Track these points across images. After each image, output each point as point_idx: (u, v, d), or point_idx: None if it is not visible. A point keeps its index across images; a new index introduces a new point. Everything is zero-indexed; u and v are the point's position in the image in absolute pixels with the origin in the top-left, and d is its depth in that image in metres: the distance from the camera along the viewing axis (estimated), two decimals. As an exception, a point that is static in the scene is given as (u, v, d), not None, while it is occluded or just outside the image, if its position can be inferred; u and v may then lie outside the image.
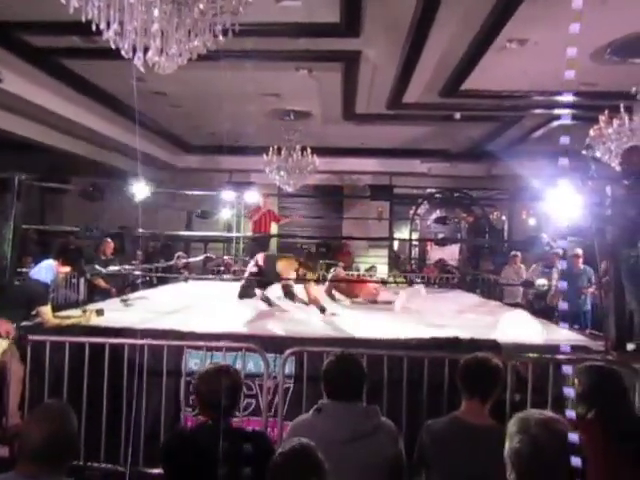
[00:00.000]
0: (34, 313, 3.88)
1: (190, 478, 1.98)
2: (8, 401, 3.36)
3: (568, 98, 1.24)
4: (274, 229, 9.14)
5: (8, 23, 5.40)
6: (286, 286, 5.06)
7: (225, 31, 2.69)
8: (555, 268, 6.84)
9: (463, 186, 12.01)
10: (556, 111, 7.22)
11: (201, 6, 2.61)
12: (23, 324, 3.69)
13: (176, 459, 2.01)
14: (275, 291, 5.55)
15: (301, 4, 4.80)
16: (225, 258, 9.56)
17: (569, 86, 1.25)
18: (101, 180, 10.14)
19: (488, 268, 9.73)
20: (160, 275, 7.72)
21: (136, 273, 6.92)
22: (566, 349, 3.13)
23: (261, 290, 5.45)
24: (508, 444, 1.50)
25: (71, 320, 4.03)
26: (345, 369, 2.19)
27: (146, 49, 2.62)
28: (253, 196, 8.14)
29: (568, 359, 3.00)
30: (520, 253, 8.28)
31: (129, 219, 5.80)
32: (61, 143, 9.34)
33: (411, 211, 12.14)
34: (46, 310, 3.86)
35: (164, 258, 9.43)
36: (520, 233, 11.90)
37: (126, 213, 5.46)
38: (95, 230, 6.35)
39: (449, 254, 11.81)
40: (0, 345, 3.48)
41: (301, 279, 5.15)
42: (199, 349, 3.37)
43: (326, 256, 11.68)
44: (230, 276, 8.02)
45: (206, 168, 11.96)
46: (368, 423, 2.09)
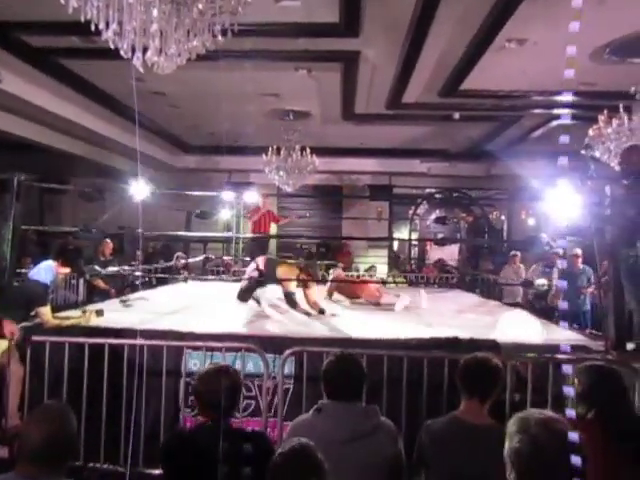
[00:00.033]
0: (33, 314, 3.88)
1: (190, 478, 1.98)
2: (8, 402, 3.36)
3: (567, 97, 1.23)
4: (273, 229, 9.15)
5: (7, 23, 5.40)
6: (288, 294, 4.96)
7: (224, 31, 2.70)
8: (556, 268, 6.83)
9: (462, 186, 12.00)
10: (555, 111, 7.23)
11: (200, 6, 2.62)
12: (22, 325, 3.69)
13: (176, 459, 2.01)
14: (275, 291, 5.54)
15: (300, 4, 4.80)
16: (224, 258, 9.55)
17: (568, 85, 1.25)
18: (100, 181, 10.17)
19: (488, 268, 9.73)
20: (160, 276, 7.72)
21: (135, 274, 6.91)
22: (566, 349, 3.13)
23: (258, 289, 5.40)
24: (508, 444, 1.50)
25: (71, 321, 4.03)
26: (345, 369, 2.19)
27: (145, 49, 2.62)
28: (252, 196, 8.14)
29: (568, 359, 3.00)
30: (519, 253, 8.29)
31: (128, 219, 5.80)
32: (60, 143, 9.34)
33: (410, 211, 12.12)
34: (45, 311, 3.86)
35: (164, 259, 9.44)
36: (519, 233, 11.91)
37: (125, 213, 5.46)
38: (94, 231, 6.35)
39: (449, 254, 11.81)
40: (0, 346, 3.49)
41: (301, 283, 5.08)
42: (198, 349, 3.37)
43: (326, 256, 11.69)
44: (230, 276, 8.01)
45: (205, 168, 11.95)
46: (368, 423, 2.09)
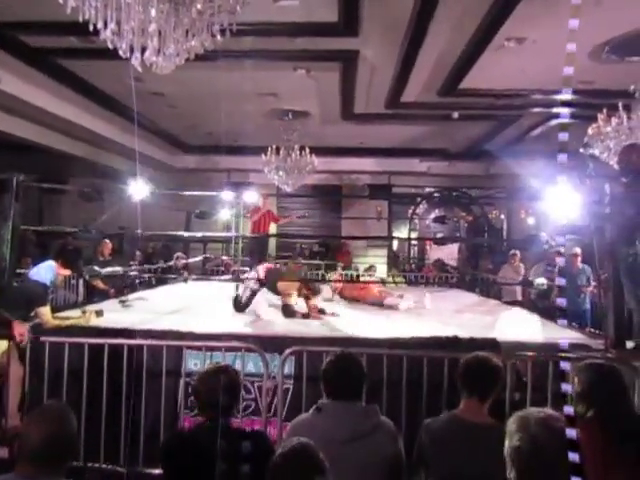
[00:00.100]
0: (33, 314, 3.87)
1: (190, 478, 1.98)
2: (8, 402, 3.36)
3: (567, 95, 1.23)
4: (273, 229, 9.14)
5: (5, 24, 5.39)
6: (286, 305, 4.85)
7: (223, 31, 2.70)
8: (558, 266, 6.79)
9: (462, 185, 11.99)
10: (554, 109, 7.22)
11: (199, 6, 2.61)
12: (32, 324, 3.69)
13: (176, 459, 2.01)
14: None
15: (299, 3, 4.79)
16: (224, 258, 9.54)
17: (567, 83, 1.24)
18: (99, 181, 10.16)
19: (487, 267, 9.73)
20: (159, 276, 7.72)
21: (135, 274, 6.91)
22: (565, 347, 3.13)
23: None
24: (508, 443, 1.51)
25: (70, 321, 4.03)
26: (345, 368, 2.19)
27: (143, 49, 2.62)
28: (252, 196, 8.13)
29: (568, 357, 3.00)
30: (519, 252, 8.29)
31: (127, 220, 5.79)
32: (59, 144, 9.34)
33: (410, 210, 12.12)
34: (45, 311, 3.86)
35: (163, 259, 9.43)
36: (519, 232, 11.91)
37: (124, 214, 5.45)
38: (93, 231, 6.34)
39: (448, 253, 11.80)
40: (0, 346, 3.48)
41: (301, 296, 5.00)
42: (198, 349, 3.36)
43: (325, 256, 11.69)
44: (229, 276, 8.00)
45: (204, 168, 11.94)
46: (368, 422, 2.09)
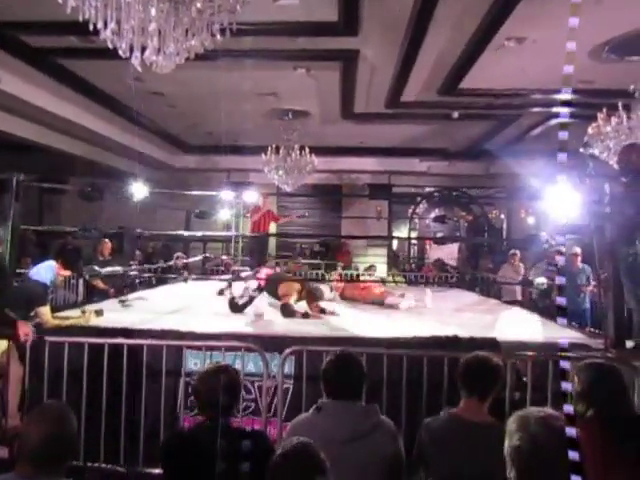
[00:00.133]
0: (33, 314, 3.87)
1: (190, 477, 1.98)
2: (7, 402, 3.35)
3: (566, 95, 1.22)
4: (273, 229, 9.14)
5: (5, 23, 5.38)
6: (285, 305, 4.81)
7: (223, 30, 2.69)
8: (558, 265, 6.77)
9: (462, 185, 11.99)
10: (554, 109, 7.22)
11: (198, 5, 2.61)
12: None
13: (176, 459, 2.01)
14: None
15: (299, 3, 4.79)
16: (224, 258, 9.54)
17: (567, 82, 1.24)
18: (99, 180, 10.15)
19: (487, 267, 9.73)
20: (159, 275, 7.71)
21: (135, 274, 6.90)
22: (565, 347, 3.13)
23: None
24: (508, 442, 1.51)
25: (70, 321, 4.03)
26: (345, 368, 2.19)
27: (143, 48, 2.61)
28: (252, 196, 8.13)
29: (567, 357, 2.99)
30: (519, 251, 8.29)
31: (127, 219, 5.79)
32: (59, 143, 9.33)
33: (410, 210, 12.12)
34: (45, 311, 3.86)
35: (163, 258, 9.43)
36: (519, 231, 11.92)
37: (124, 213, 5.45)
38: (93, 230, 6.34)
39: (448, 253, 11.81)
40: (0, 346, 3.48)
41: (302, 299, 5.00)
42: (198, 349, 3.36)
43: (325, 255, 11.69)
44: (229, 276, 8.00)
45: (204, 168, 11.93)
46: (368, 422, 2.09)
